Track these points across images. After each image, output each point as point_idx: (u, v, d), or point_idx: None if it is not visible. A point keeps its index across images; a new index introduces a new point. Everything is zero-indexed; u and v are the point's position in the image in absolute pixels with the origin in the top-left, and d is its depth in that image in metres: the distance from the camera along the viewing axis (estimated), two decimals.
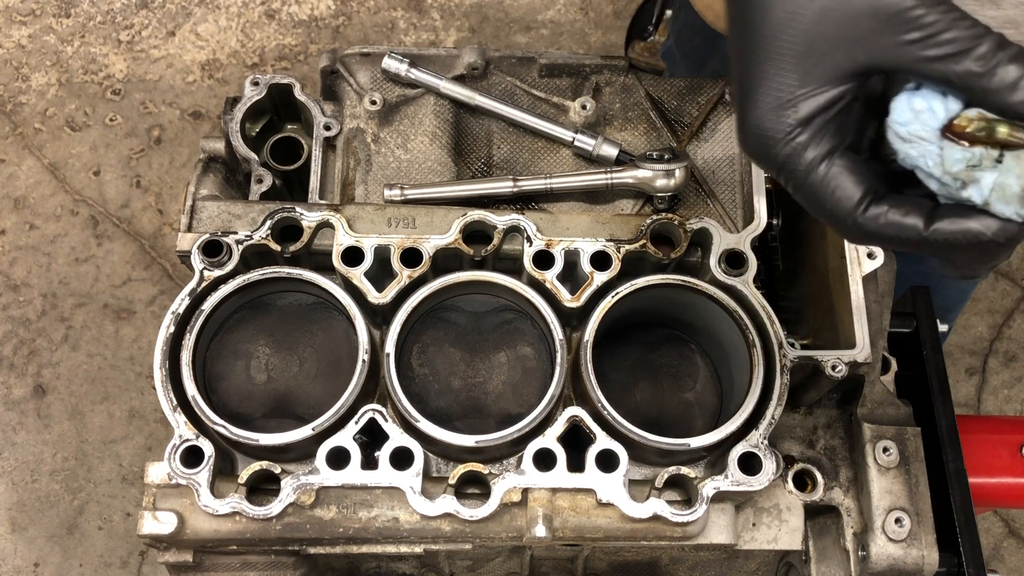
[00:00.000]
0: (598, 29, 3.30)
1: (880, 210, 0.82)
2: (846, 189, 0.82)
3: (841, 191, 0.82)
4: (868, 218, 0.82)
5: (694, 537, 1.15)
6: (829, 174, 0.82)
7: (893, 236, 0.82)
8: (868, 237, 0.84)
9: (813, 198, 0.83)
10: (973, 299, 3.00)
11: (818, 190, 0.82)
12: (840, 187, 0.82)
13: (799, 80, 0.80)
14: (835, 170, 0.82)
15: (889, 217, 0.82)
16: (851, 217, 0.82)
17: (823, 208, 0.83)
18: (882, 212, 0.82)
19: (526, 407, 1.14)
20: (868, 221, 0.82)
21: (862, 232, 0.83)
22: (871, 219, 0.82)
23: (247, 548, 1.16)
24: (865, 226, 0.82)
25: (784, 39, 0.80)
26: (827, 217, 0.84)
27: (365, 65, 1.36)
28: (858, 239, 0.85)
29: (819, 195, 0.82)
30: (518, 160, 1.33)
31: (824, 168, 0.82)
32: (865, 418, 1.21)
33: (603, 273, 1.17)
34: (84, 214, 3.02)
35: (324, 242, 1.20)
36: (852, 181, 0.82)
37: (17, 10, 3.26)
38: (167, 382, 1.11)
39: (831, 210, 0.83)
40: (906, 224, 0.82)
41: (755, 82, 0.82)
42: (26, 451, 2.77)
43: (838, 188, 0.82)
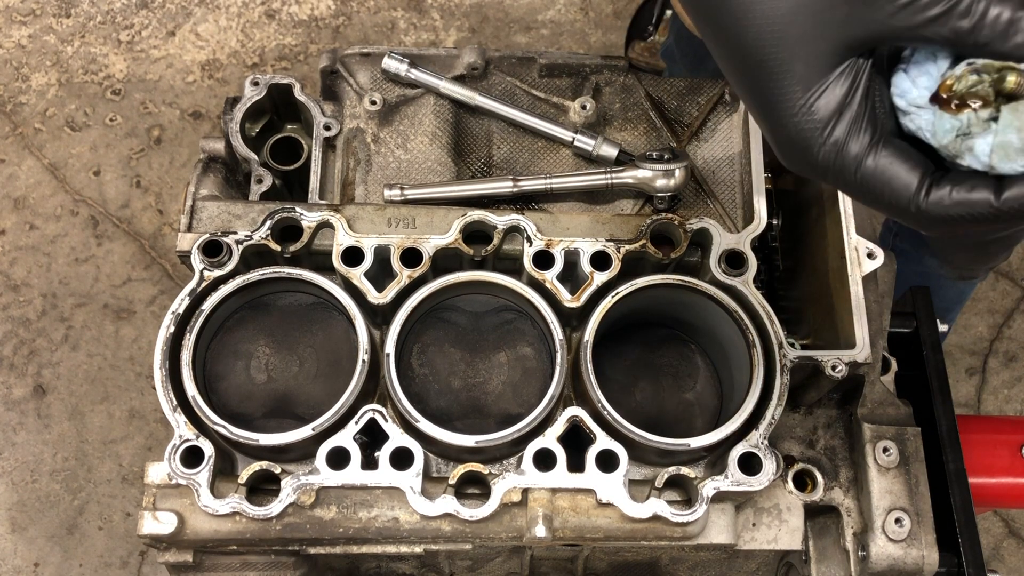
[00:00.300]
0: (598, 29, 3.30)
1: (943, 192, 0.76)
2: (901, 178, 0.76)
3: (897, 181, 0.76)
4: (933, 203, 0.76)
5: (694, 537, 1.15)
6: (878, 166, 0.77)
7: (964, 215, 0.76)
8: (939, 223, 0.77)
9: (870, 195, 0.78)
10: (973, 299, 3.00)
11: (872, 185, 0.77)
12: (894, 177, 0.76)
13: (801, 82, 0.76)
14: (883, 161, 0.77)
15: (954, 196, 0.76)
16: (914, 205, 0.76)
17: (883, 202, 0.78)
18: (945, 193, 0.76)
19: (526, 407, 1.14)
20: (934, 206, 0.76)
21: (931, 219, 0.77)
22: (936, 203, 0.76)
23: (247, 548, 1.16)
24: (932, 211, 0.76)
25: (768, 48, 0.76)
26: (890, 211, 0.78)
27: (365, 65, 1.36)
28: (929, 227, 0.79)
29: (875, 190, 0.77)
30: (518, 160, 1.33)
31: (872, 161, 0.77)
32: (865, 418, 1.21)
33: (603, 273, 1.16)
34: (84, 214, 3.02)
35: (324, 242, 1.20)
36: (904, 168, 0.76)
37: (17, 10, 3.26)
38: (167, 382, 1.11)
39: (892, 203, 0.77)
40: (975, 200, 0.75)
41: (762, 99, 0.78)
42: (26, 451, 2.77)
43: (893, 179, 0.76)
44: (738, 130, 1.33)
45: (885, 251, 1.23)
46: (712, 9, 0.78)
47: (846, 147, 0.77)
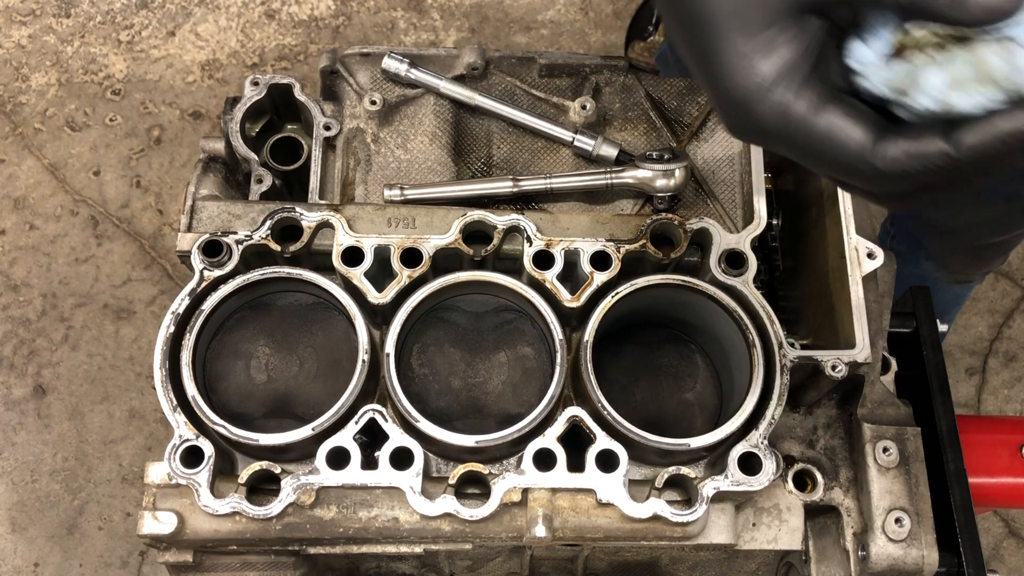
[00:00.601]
0: (598, 29, 3.30)
1: (894, 143, 0.72)
2: (851, 135, 0.72)
3: (845, 135, 0.72)
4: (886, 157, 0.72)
5: (694, 537, 1.15)
6: (828, 125, 0.72)
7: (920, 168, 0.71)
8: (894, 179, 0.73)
9: (819, 154, 0.74)
10: (973, 299, 3.00)
11: (821, 145, 0.73)
12: (844, 135, 0.72)
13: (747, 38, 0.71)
14: (832, 119, 0.72)
15: (906, 148, 0.71)
16: (865, 161, 0.72)
17: (833, 162, 0.73)
18: (896, 144, 0.72)
19: (526, 407, 1.14)
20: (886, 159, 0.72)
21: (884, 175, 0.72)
22: (889, 157, 0.72)
23: (247, 548, 1.16)
24: (885, 166, 0.72)
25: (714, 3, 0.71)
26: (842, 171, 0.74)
27: (365, 65, 1.36)
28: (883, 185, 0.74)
29: (824, 149, 0.73)
30: (518, 160, 1.33)
31: (820, 120, 0.72)
32: (865, 418, 1.21)
33: (603, 273, 1.16)
34: (84, 214, 3.02)
35: (324, 242, 1.20)
36: (854, 125, 0.72)
37: (17, 10, 3.26)
38: (167, 382, 1.11)
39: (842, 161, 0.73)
40: (929, 150, 0.71)
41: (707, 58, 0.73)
42: (26, 451, 2.77)
43: (842, 136, 0.72)
44: None
45: (885, 251, 1.23)
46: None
47: (793, 107, 0.72)
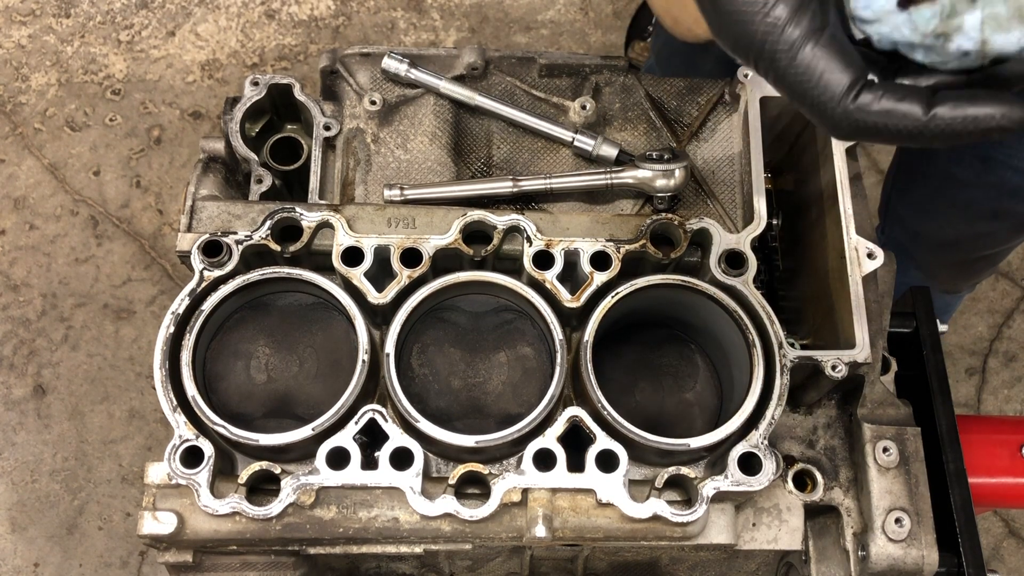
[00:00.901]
0: (598, 29, 3.30)
1: (872, 96, 0.73)
2: (833, 73, 0.73)
3: (829, 75, 0.73)
4: (859, 105, 0.73)
5: (694, 537, 1.15)
6: (814, 56, 0.73)
7: (887, 126, 0.74)
8: (858, 130, 0.75)
9: (797, 85, 0.74)
10: (973, 299, 3.00)
11: (802, 75, 0.74)
12: (828, 70, 0.73)
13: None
14: (820, 51, 0.73)
15: (883, 104, 0.73)
16: (840, 105, 0.73)
17: (807, 96, 0.74)
18: (874, 98, 0.73)
19: (526, 407, 1.14)
20: (859, 110, 0.73)
21: (852, 123, 0.74)
22: (863, 107, 0.73)
23: (247, 548, 1.16)
24: (855, 115, 0.74)
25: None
26: (812, 107, 0.75)
27: (365, 65, 1.36)
28: (847, 133, 0.76)
29: (803, 81, 0.74)
30: (518, 160, 1.33)
31: (809, 50, 0.73)
32: (865, 418, 1.21)
33: (603, 273, 1.16)
34: (84, 214, 3.02)
35: (324, 242, 1.20)
36: (840, 64, 0.73)
37: (17, 10, 3.26)
38: (167, 382, 1.11)
39: (817, 98, 0.74)
40: (902, 111, 0.73)
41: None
42: (26, 451, 2.77)
43: (825, 71, 0.73)
44: (738, 130, 1.33)
45: (885, 251, 1.23)
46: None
47: (786, 28, 0.73)
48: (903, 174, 1.95)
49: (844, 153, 1.25)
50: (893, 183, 2.00)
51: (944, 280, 2.07)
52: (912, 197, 1.89)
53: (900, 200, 1.95)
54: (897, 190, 1.97)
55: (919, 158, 1.84)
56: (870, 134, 0.75)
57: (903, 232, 1.97)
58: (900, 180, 1.96)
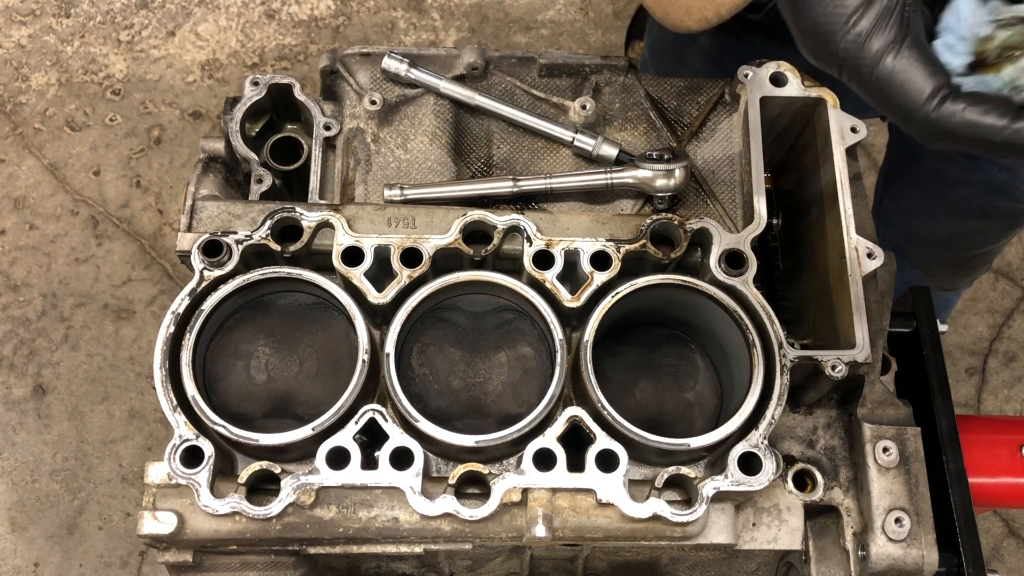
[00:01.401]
0: (598, 29, 3.30)
1: (956, 107, 0.77)
2: (917, 82, 0.77)
3: (912, 84, 0.77)
4: (943, 113, 0.77)
5: (694, 537, 1.15)
6: (897, 66, 0.77)
7: (970, 135, 0.77)
8: (942, 135, 0.78)
9: (880, 92, 0.78)
10: (973, 299, 3.01)
11: (886, 82, 0.77)
12: (911, 79, 0.77)
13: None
14: (904, 61, 0.77)
15: (966, 115, 0.77)
16: (923, 112, 0.77)
17: (891, 103, 0.78)
18: (959, 109, 0.77)
19: (526, 407, 1.14)
20: (943, 117, 0.77)
21: (935, 129, 0.78)
22: (946, 115, 0.77)
23: (247, 548, 1.16)
24: (939, 122, 0.77)
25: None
26: (896, 113, 0.79)
27: (365, 65, 1.36)
28: (931, 138, 0.79)
29: (887, 88, 0.78)
30: (518, 160, 1.33)
31: (892, 59, 0.77)
32: (865, 418, 1.21)
33: (603, 273, 1.16)
34: (84, 214, 3.02)
35: (324, 242, 1.20)
36: (924, 73, 0.77)
37: (17, 10, 3.26)
38: (167, 382, 1.11)
39: (900, 104, 0.77)
40: (985, 123, 0.77)
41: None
42: (26, 451, 2.77)
43: (909, 80, 0.77)
44: (738, 130, 1.33)
45: (885, 251, 1.23)
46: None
47: (869, 41, 0.76)
48: (894, 175, 1.96)
49: (844, 153, 1.25)
50: (884, 184, 2.01)
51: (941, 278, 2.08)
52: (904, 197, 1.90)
53: (892, 201, 1.96)
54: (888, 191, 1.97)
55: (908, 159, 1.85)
56: (954, 140, 0.78)
57: (897, 232, 1.98)
58: (891, 181, 1.96)
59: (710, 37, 1.64)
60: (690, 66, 1.71)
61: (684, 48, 1.71)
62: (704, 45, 1.67)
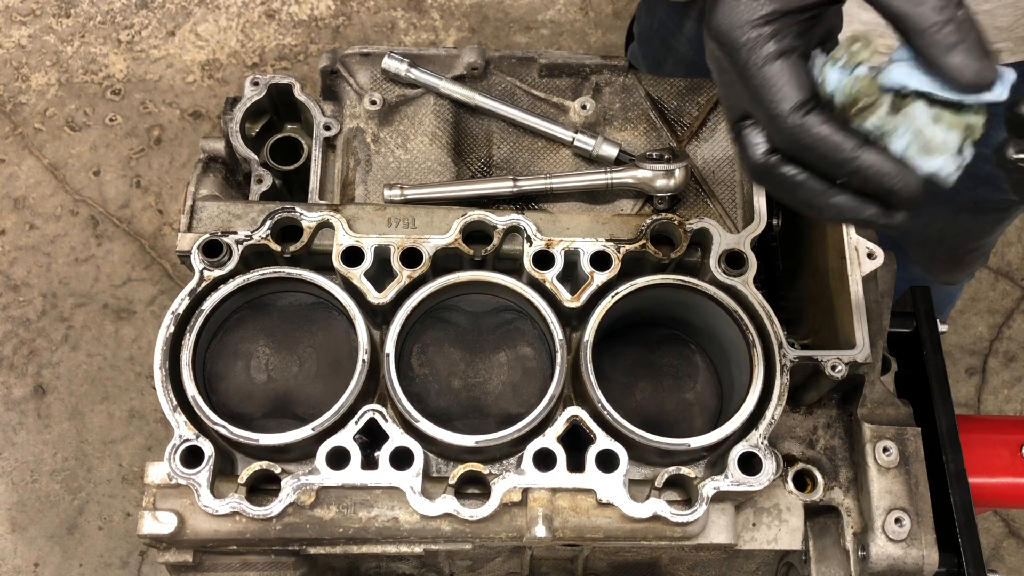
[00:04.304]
0: (598, 29, 3.30)
1: (818, 119, 0.83)
2: (791, 88, 0.82)
3: (787, 89, 0.82)
4: (805, 123, 0.82)
5: (694, 537, 1.15)
6: (781, 70, 0.82)
7: (821, 149, 0.83)
8: (796, 143, 0.84)
9: (757, 89, 0.83)
10: (973, 299, 3.00)
11: (765, 83, 0.83)
12: (787, 85, 0.82)
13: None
14: (788, 69, 0.82)
15: (824, 129, 0.82)
16: (789, 117, 0.82)
17: (763, 101, 0.83)
18: (819, 122, 0.82)
19: (526, 407, 1.14)
20: (802, 126, 0.82)
21: (793, 136, 0.83)
22: (807, 125, 0.82)
23: (247, 548, 1.16)
24: (798, 129, 0.82)
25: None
26: (764, 111, 0.84)
27: (365, 65, 1.36)
28: (786, 143, 0.85)
29: (764, 87, 0.83)
30: (518, 160, 1.33)
31: (779, 64, 0.82)
32: (865, 418, 1.21)
33: (603, 273, 1.16)
34: (84, 214, 3.02)
35: (324, 242, 1.20)
36: (798, 84, 0.83)
37: (17, 10, 3.26)
38: (167, 382, 1.11)
39: (770, 104, 0.83)
40: (837, 141, 0.82)
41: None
42: (26, 451, 2.77)
43: (785, 86, 0.82)
44: None
45: (885, 251, 1.23)
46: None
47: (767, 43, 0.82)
48: None
49: None
50: None
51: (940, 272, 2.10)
52: None
53: None
54: None
55: None
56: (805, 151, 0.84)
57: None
58: None
59: (695, 23, 1.64)
60: (677, 53, 1.72)
61: (670, 35, 1.72)
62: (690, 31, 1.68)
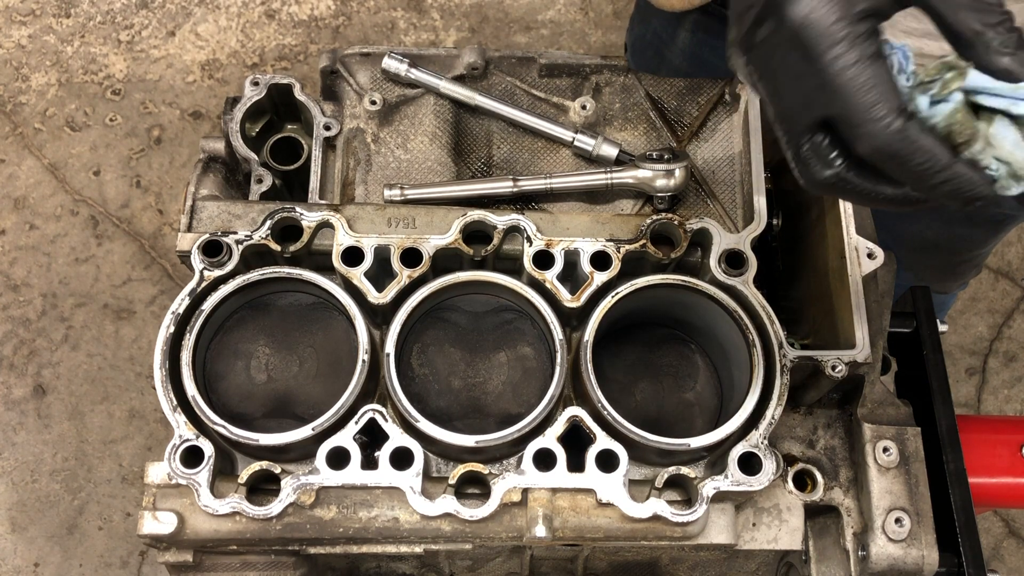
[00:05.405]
0: (598, 29, 3.30)
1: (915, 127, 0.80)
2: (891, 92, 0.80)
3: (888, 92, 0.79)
4: (909, 127, 0.80)
5: (694, 537, 1.15)
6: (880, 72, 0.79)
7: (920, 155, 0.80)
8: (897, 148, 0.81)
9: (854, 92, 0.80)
10: (973, 299, 3.01)
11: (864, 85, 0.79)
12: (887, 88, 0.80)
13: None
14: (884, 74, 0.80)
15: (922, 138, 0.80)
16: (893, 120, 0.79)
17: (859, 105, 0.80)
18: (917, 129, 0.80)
19: (526, 407, 1.14)
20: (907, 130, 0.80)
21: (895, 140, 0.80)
22: (911, 130, 0.80)
23: (247, 548, 1.16)
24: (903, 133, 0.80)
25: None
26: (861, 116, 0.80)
27: (365, 65, 1.36)
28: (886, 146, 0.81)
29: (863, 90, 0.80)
30: (518, 160, 1.33)
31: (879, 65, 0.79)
32: (865, 418, 1.21)
33: (603, 273, 1.16)
34: (84, 214, 3.02)
35: (324, 242, 1.20)
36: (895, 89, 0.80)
37: (17, 10, 3.26)
38: (167, 382, 1.11)
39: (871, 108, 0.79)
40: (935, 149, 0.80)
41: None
42: (26, 451, 2.77)
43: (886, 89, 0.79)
44: (738, 130, 1.33)
45: (885, 251, 1.23)
46: None
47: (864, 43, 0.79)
48: None
49: None
50: None
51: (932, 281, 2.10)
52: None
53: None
54: None
55: None
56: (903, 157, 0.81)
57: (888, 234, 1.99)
58: None
59: (690, 34, 1.64)
60: (670, 64, 1.71)
61: (664, 46, 1.72)
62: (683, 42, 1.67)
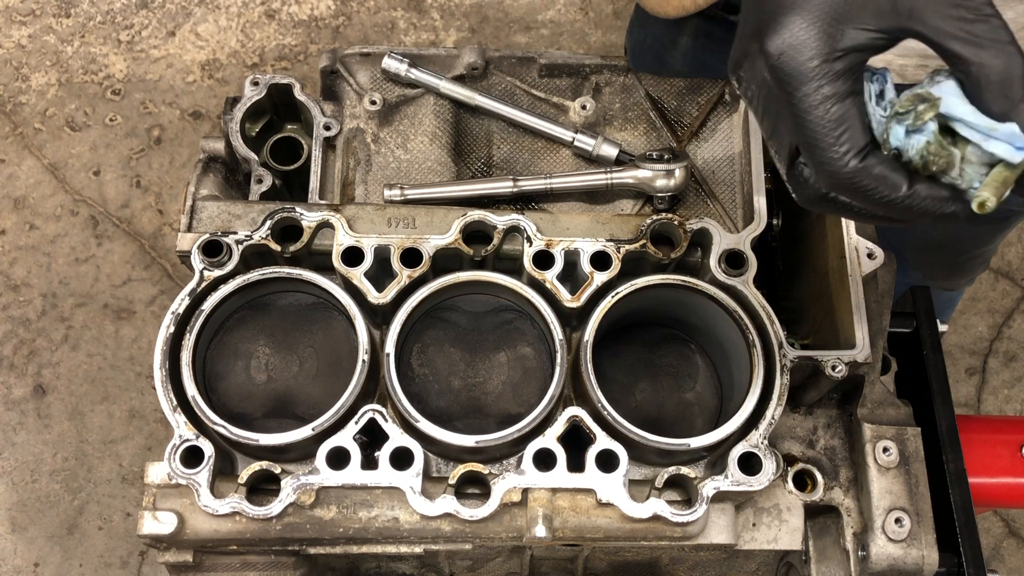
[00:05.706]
0: (598, 29, 3.30)
1: (874, 161, 0.83)
2: (855, 132, 0.83)
3: (852, 132, 0.83)
4: (865, 165, 0.83)
5: (694, 537, 1.15)
6: (846, 113, 0.82)
7: (877, 189, 0.84)
8: (853, 184, 0.84)
9: (815, 131, 0.83)
10: (973, 299, 3.01)
11: (827, 126, 0.83)
12: (852, 128, 0.83)
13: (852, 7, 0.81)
14: (852, 112, 0.82)
15: (879, 170, 0.83)
16: (850, 161, 0.83)
17: (819, 145, 0.83)
18: (875, 163, 0.83)
19: (526, 407, 1.14)
20: (863, 168, 0.83)
21: (851, 179, 0.84)
22: (867, 167, 0.83)
23: (247, 548, 1.16)
24: (858, 172, 0.83)
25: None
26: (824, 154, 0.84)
27: (365, 65, 1.36)
28: (842, 184, 0.85)
29: (825, 131, 0.83)
30: (518, 160, 1.33)
31: (842, 106, 0.82)
32: (865, 418, 1.21)
33: (603, 273, 1.16)
34: (84, 214, 3.02)
35: (324, 242, 1.20)
36: (862, 127, 0.83)
37: (17, 10, 3.26)
38: (167, 382, 1.11)
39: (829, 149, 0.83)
40: (893, 180, 0.84)
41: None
42: (26, 451, 2.77)
43: (850, 129, 0.82)
44: (738, 130, 1.33)
45: (885, 251, 1.23)
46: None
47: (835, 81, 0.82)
48: None
49: None
50: None
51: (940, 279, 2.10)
52: None
53: None
54: None
55: None
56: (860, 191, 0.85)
57: (894, 235, 1.98)
58: None
59: (690, 39, 1.64)
60: (670, 68, 1.71)
61: (664, 50, 1.72)
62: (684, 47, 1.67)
